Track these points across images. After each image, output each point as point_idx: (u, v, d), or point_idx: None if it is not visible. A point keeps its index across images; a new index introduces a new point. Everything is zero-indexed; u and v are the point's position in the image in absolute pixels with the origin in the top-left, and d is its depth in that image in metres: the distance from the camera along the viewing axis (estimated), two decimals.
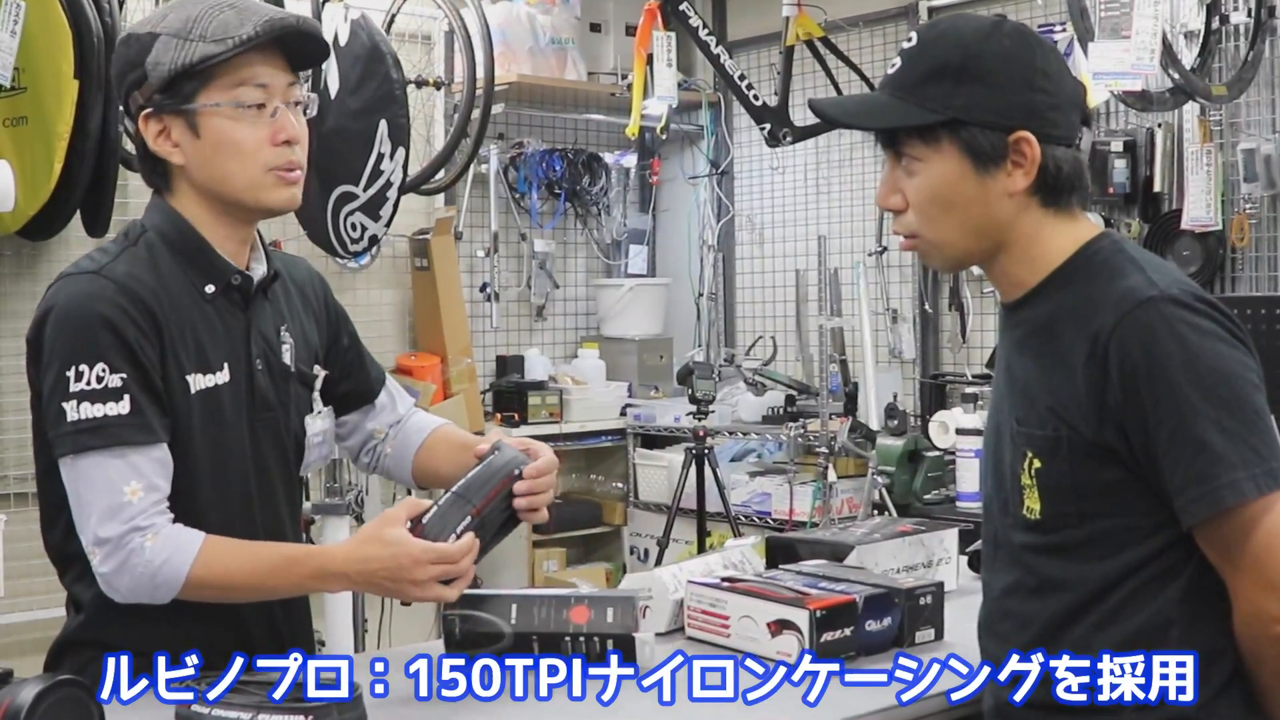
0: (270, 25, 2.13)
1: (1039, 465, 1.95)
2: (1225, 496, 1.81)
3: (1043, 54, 1.98)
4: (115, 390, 2.09)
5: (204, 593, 2.12)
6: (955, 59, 1.95)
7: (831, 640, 2.28)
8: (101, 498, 2.09)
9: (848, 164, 6.22)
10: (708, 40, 5.40)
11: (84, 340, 2.10)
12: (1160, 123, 4.96)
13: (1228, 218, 4.84)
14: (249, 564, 2.15)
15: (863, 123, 2.12)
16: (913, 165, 2.00)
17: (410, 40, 5.85)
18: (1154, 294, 1.87)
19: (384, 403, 2.57)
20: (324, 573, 2.15)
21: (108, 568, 2.09)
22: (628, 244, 6.91)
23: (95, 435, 2.08)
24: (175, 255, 2.22)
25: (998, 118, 1.94)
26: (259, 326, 2.30)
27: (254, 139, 2.17)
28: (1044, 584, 1.98)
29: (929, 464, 5.07)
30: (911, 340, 5.92)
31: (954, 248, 2.02)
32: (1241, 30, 4.67)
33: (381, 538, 2.10)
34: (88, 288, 2.14)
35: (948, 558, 2.78)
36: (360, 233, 5.00)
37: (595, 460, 6.63)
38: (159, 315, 2.15)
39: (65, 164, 4.20)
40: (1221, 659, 1.90)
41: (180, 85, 2.14)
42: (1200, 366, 1.83)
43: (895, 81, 2.02)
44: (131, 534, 2.08)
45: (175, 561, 2.09)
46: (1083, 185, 2.02)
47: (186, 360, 2.18)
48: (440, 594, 2.11)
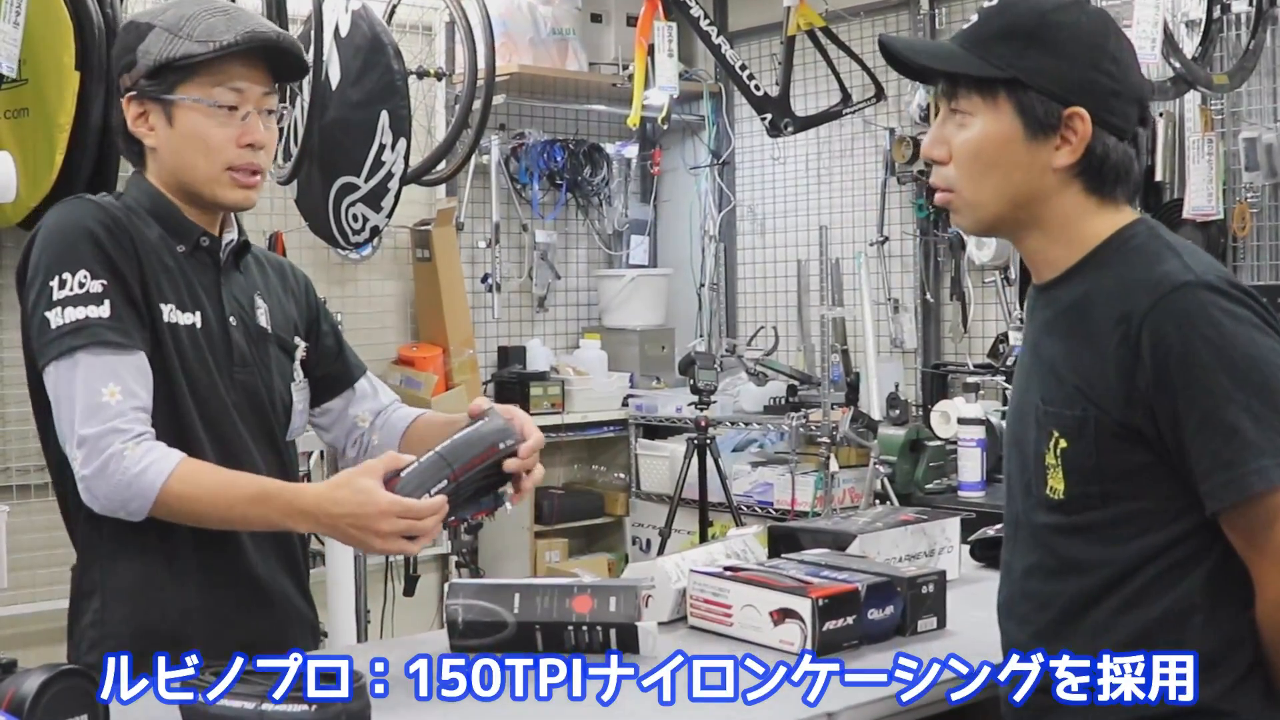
0: (250, 36, 2.26)
1: (1065, 445, 1.95)
2: (1253, 483, 1.81)
3: (1117, 41, 1.99)
4: (96, 295, 2.17)
5: (174, 509, 2.16)
6: (1030, 23, 1.96)
7: (834, 629, 2.28)
8: (81, 397, 2.14)
9: (849, 154, 6.22)
10: (709, 30, 5.40)
11: (69, 250, 2.20)
12: (1162, 112, 4.95)
13: (1229, 207, 4.83)
14: (223, 489, 2.18)
15: (926, 62, 2.10)
16: (965, 119, 2.00)
17: (411, 31, 5.85)
18: (1190, 279, 1.87)
19: (365, 389, 2.61)
20: (293, 509, 2.16)
21: (88, 469, 2.14)
22: (629, 234, 6.91)
23: (76, 336, 2.15)
24: (150, 217, 2.31)
25: (1058, 88, 1.94)
26: (231, 288, 2.38)
27: (221, 137, 2.29)
28: (1065, 565, 1.98)
29: (931, 453, 5.07)
30: (913, 330, 5.92)
31: (986, 209, 2.02)
32: (1243, 19, 4.66)
33: (353, 484, 2.11)
34: (74, 208, 2.27)
35: (950, 546, 2.78)
36: (361, 224, 5.00)
37: (597, 451, 6.63)
38: (138, 244, 2.25)
39: (66, 156, 4.22)
40: (1243, 647, 1.89)
41: (163, 76, 2.27)
42: (1234, 353, 1.83)
43: (968, 35, 2.03)
44: (110, 435, 2.13)
45: (152, 473, 2.13)
46: (1130, 179, 2.01)
47: (164, 291, 2.26)
48: (402, 547, 2.13)
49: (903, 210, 5.96)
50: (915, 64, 2.11)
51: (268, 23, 2.36)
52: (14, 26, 3.90)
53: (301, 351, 2.48)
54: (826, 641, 2.26)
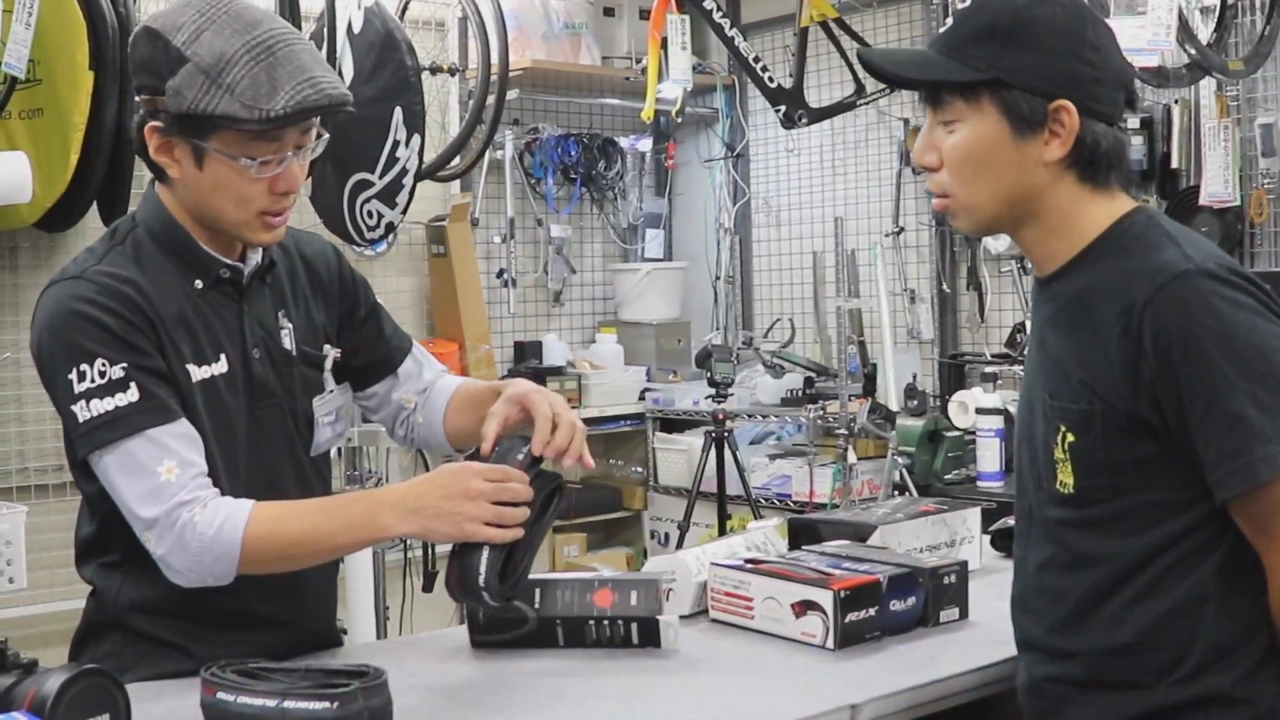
0: (300, 106, 2.07)
1: (1072, 439, 1.95)
2: (1260, 470, 1.80)
3: (1094, 29, 1.98)
4: (119, 381, 2.08)
5: (263, 557, 2.09)
6: (1005, 21, 1.96)
7: (856, 620, 2.27)
8: (137, 483, 2.07)
9: (863, 145, 6.21)
10: (722, 23, 5.38)
11: (75, 343, 2.09)
12: (1177, 99, 4.94)
13: (1246, 193, 4.82)
14: (301, 514, 2.14)
15: (907, 73, 2.10)
16: (952, 124, 2.00)
17: (424, 27, 5.85)
18: (1189, 267, 1.86)
19: (409, 371, 2.53)
20: (377, 502, 2.11)
21: (164, 549, 2.07)
22: (644, 228, 6.91)
23: (111, 428, 2.07)
24: (163, 251, 2.21)
25: (1040, 83, 1.94)
26: (256, 314, 2.29)
27: (255, 189, 2.15)
28: (1078, 559, 1.98)
29: (949, 444, 5.06)
30: (930, 320, 5.92)
31: (983, 210, 2.02)
32: (1258, 4, 4.66)
33: (437, 467, 2.09)
34: (70, 291, 2.14)
35: (970, 537, 2.77)
36: (377, 220, 5.00)
37: (614, 445, 6.63)
38: (147, 309, 2.14)
39: (81, 155, 4.22)
40: (1257, 634, 1.89)
41: (196, 123, 2.10)
42: (1236, 340, 1.82)
43: (945, 39, 2.03)
44: (178, 510, 2.06)
45: (228, 529, 2.07)
46: (1123, 164, 2.01)
47: (185, 350, 2.18)
48: (498, 513, 2.03)
49: (918, 200, 5.95)
50: (896, 75, 2.11)
51: (316, 73, 2.11)
52: (25, 28, 3.91)
53: (332, 358, 2.40)
54: (848, 633, 2.26)
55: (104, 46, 4.16)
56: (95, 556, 2.26)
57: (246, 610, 2.23)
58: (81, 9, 4.15)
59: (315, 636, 2.38)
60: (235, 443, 2.24)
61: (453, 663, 2.28)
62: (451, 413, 2.51)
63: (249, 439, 2.26)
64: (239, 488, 2.20)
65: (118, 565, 2.20)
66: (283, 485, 2.30)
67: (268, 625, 2.27)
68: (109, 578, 2.24)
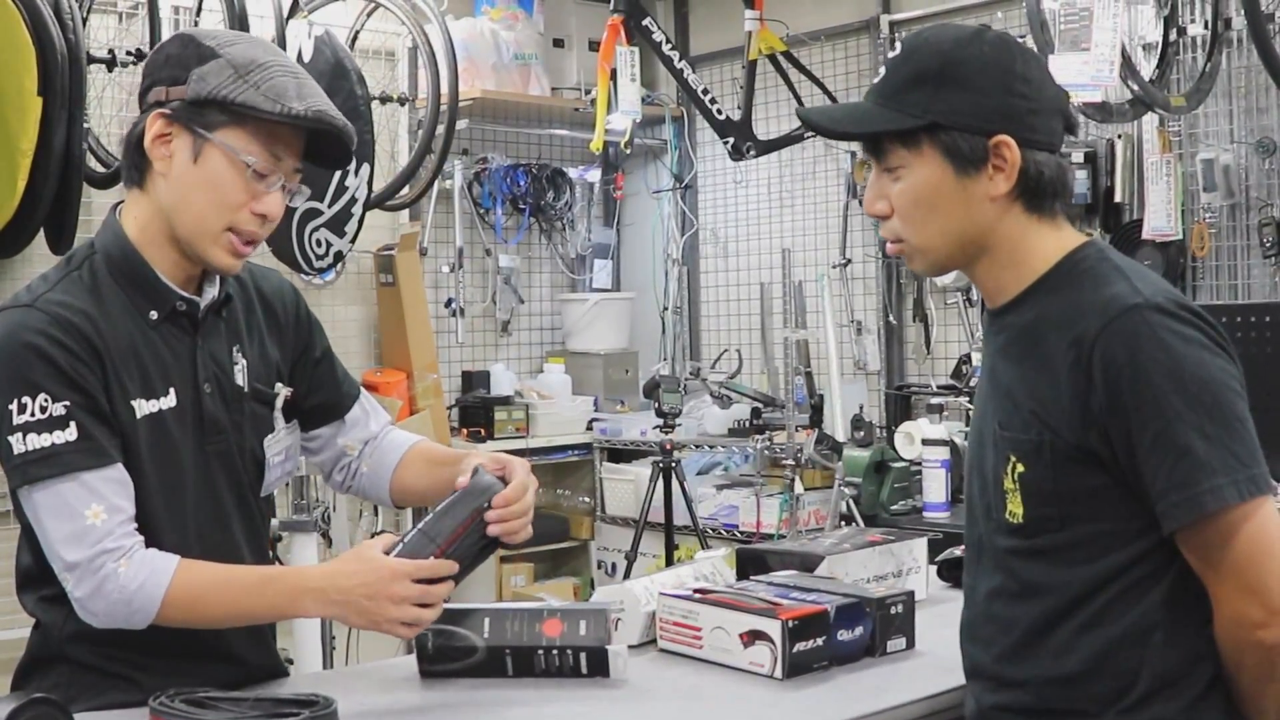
0: (319, 116, 2.15)
1: (1022, 469, 1.97)
2: (1207, 502, 1.82)
3: (1023, 61, 2.00)
4: (60, 419, 2.06)
5: (178, 615, 2.10)
6: (935, 65, 1.98)
7: (804, 650, 2.28)
8: (63, 524, 2.07)
9: (811, 177, 6.25)
10: (671, 55, 5.43)
11: (20, 373, 2.07)
12: (1120, 133, 4.99)
13: (1188, 227, 4.88)
14: (223, 585, 2.14)
15: (846, 129, 2.14)
16: (897, 171, 2.02)
17: (374, 56, 5.85)
18: (1139, 301, 1.88)
19: (356, 418, 2.53)
20: (299, 589, 2.13)
21: (81, 592, 2.07)
22: (592, 258, 6.92)
23: (45, 465, 2.06)
24: (119, 280, 2.20)
25: (976, 121, 1.96)
26: (209, 349, 2.27)
27: (239, 196, 2.16)
28: (1026, 588, 2.00)
29: (895, 474, 5.09)
30: (876, 352, 5.95)
31: (938, 252, 2.04)
32: (1199, 42, 4.70)
33: (359, 556, 2.11)
34: (21, 320, 2.11)
35: (917, 567, 2.79)
36: (325, 249, 5.00)
37: (562, 474, 6.62)
38: (96, 342, 2.12)
39: (29, 182, 4.17)
40: (1203, 663, 1.91)
41: (211, 111, 2.13)
42: (1184, 373, 1.85)
43: (879, 89, 2.05)
44: (102, 557, 2.05)
45: (150, 585, 2.07)
46: (1066, 190, 2.04)
47: (131, 385, 2.16)
48: (418, 616, 2.09)
49: (865, 233, 5.99)
50: (835, 131, 2.13)
51: (332, 105, 2.21)
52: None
53: (283, 398, 2.39)
54: (796, 663, 2.27)
55: (53, 72, 4.13)
56: (36, 588, 2.24)
57: (193, 642, 2.21)
58: (30, 34, 4.12)
59: (262, 669, 2.36)
60: (182, 478, 2.22)
61: (401, 692, 2.27)
62: (402, 469, 2.52)
63: (197, 474, 2.24)
64: (185, 524, 2.20)
65: (60, 599, 2.16)
66: (227, 523, 2.29)
67: (214, 657, 2.26)
68: (52, 611, 2.21)
